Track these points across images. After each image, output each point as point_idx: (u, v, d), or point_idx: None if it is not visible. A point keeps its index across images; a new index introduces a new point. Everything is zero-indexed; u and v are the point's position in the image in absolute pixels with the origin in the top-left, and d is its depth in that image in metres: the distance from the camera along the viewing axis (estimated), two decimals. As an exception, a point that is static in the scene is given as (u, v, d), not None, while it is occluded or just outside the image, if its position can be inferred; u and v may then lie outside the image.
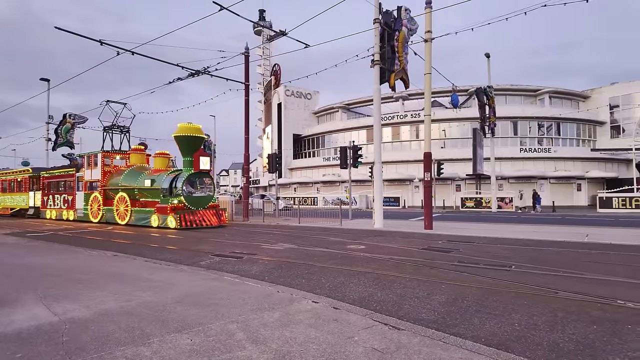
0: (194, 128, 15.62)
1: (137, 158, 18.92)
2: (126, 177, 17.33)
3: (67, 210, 20.75)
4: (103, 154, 18.59)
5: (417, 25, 14.09)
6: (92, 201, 18.72)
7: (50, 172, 22.63)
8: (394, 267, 6.59)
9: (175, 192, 15.23)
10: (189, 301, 4.27)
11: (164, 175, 15.99)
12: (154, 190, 15.97)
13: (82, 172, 19.62)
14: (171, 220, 14.75)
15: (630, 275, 5.82)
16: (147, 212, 16.04)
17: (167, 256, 8.09)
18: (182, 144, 15.59)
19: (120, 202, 17.23)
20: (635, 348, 3.08)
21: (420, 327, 3.44)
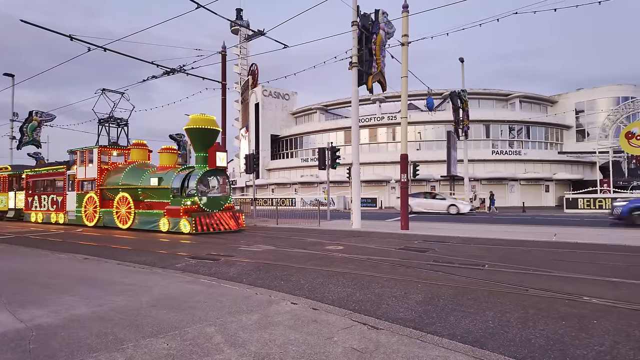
0: (209, 120, 13.65)
1: (138, 154, 16.79)
2: (127, 175, 15.33)
3: (55, 213, 18.45)
4: (100, 149, 16.36)
5: (394, 28, 14.30)
6: (87, 202, 16.50)
7: (36, 170, 20.33)
8: (372, 267, 6.66)
9: (188, 192, 13.46)
10: (165, 305, 4.17)
11: (173, 172, 14.08)
12: (162, 190, 14.17)
13: (74, 170, 17.38)
14: (185, 224, 12.99)
15: (594, 272, 6.09)
16: (155, 215, 14.19)
17: (140, 259, 7.87)
18: (195, 137, 13.75)
19: (122, 203, 15.17)
20: (601, 342, 3.23)
21: (398, 326, 3.49)
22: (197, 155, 13.96)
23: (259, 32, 16.66)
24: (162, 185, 14.13)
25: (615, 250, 8.46)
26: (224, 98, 20.08)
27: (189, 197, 13.38)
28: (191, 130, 13.63)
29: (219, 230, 13.45)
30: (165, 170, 14.62)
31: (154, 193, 14.63)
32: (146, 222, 14.51)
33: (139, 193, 14.96)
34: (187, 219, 12.94)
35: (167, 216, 13.56)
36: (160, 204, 14.35)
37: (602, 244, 9.46)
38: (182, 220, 13.06)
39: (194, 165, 14.23)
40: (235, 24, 28.07)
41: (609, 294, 4.75)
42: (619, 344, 3.18)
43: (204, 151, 13.94)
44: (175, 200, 13.57)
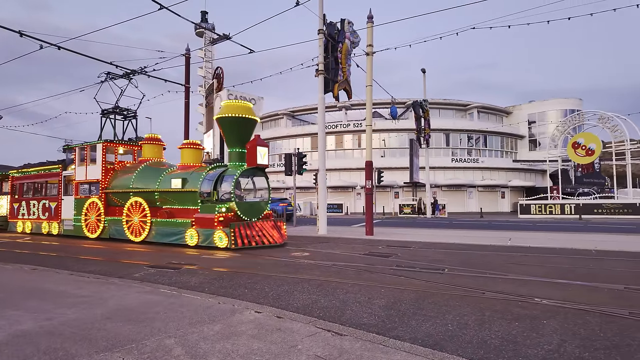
0: (245, 107, 11.15)
1: (151, 151, 13.79)
2: (141, 176, 12.62)
3: (48, 222, 15.40)
4: (104, 145, 13.54)
5: (359, 38, 14.61)
6: (88, 209, 13.65)
7: (24, 171, 16.99)
8: (337, 274, 6.70)
9: (221, 196, 10.93)
10: (121, 317, 3.98)
11: (201, 173, 11.42)
12: (187, 194, 11.46)
13: (71, 171, 14.56)
14: (220, 236, 10.30)
15: (545, 274, 6.46)
16: (178, 225, 11.43)
17: (94, 268, 7.47)
18: (229, 128, 11.10)
19: (134, 210, 12.35)
20: (550, 341, 3.42)
21: (362, 332, 3.52)
22: (232, 151, 11.31)
23: (224, 36, 16.45)
24: (186, 188, 11.40)
25: (563, 254, 9.02)
26: (187, 101, 19.63)
27: (223, 202, 10.79)
28: (224, 119, 10.95)
29: (262, 244, 10.72)
30: (189, 170, 11.94)
31: (176, 198, 11.88)
32: (166, 234, 11.63)
33: (157, 198, 12.14)
34: (224, 230, 10.29)
35: (195, 226, 10.92)
36: (184, 212, 11.69)
37: (552, 247, 10.05)
38: (217, 231, 10.37)
39: (227, 163, 11.72)
40: (200, 26, 27.59)
41: (558, 294, 5.05)
42: (566, 342, 3.38)
43: (240, 146, 11.22)
44: (207, 206, 10.92)
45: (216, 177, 10.96)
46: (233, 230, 10.21)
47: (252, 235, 10.57)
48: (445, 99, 44.91)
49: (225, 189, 10.86)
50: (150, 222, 11.96)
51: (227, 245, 10.19)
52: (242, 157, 11.19)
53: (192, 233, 10.94)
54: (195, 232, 10.88)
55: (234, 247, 10.13)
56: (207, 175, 11.21)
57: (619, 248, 9.73)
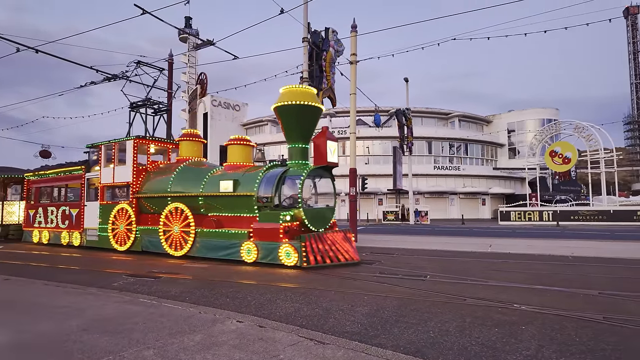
0: (308, 93, 9.19)
1: (190, 149, 11.81)
2: (180, 177, 10.71)
3: (68, 231, 13.35)
4: (136, 142, 11.52)
5: (343, 47, 14.79)
6: (117, 217, 11.64)
7: (42, 174, 15.04)
8: (320, 281, 6.68)
9: (283, 201, 8.99)
10: (98, 328, 3.87)
11: (256, 173, 9.44)
12: (240, 198, 9.42)
13: (95, 172, 12.62)
14: (288, 251, 8.23)
15: (524, 280, 6.60)
16: (231, 237, 9.31)
17: (70, 277, 7.24)
18: (290, 119, 9.19)
19: (174, 218, 10.30)
20: (528, 347, 3.49)
21: (344, 340, 3.52)
22: (293, 147, 9.39)
23: (208, 41, 16.40)
24: (239, 191, 9.43)
25: (541, 260, 9.24)
26: (169, 107, 19.37)
27: (288, 209, 8.82)
28: (284, 109, 9.03)
29: (338, 262, 8.47)
30: (239, 170, 10.03)
31: (225, 204, 9.86)
32: (215, 248, 9.54)
33: (200, 204, 10.16)
34: (293, 243, 8.25)
35: (253, 239, 8.86)
36: (236, 220, 9.71)
37: (531, 254, 10.29)
38: (284, 246, 8.31)
39: (286, 161, 9.73)
40: (184, 32, 27.41)
41: (536, 300, 5.17)
42: (543, 348, 3.46)
43: (303, 140, 9.41)
44: (268, 214, 8.90)
45: (277, 178, 9.01)
46: (304, 243, 8.09)
47: (325, 250, 8.40)
48: (427, 108, 45.72)
49: (288, 193, 8.99)
50: (195, 232, 9.91)
51: (297, 263, 8.07)
52: (305, 154, 9.41)
53: (250, 247, 8.78)
54: (253, 245, 8.75)
55: (305, 265, 7.99)
56: (266, 176, 9.22)
57: (593, 254, 10.03)
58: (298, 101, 8.89)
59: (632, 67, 65.09)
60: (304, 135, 9.42)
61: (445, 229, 22.84)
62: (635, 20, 62.70)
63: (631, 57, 64.90)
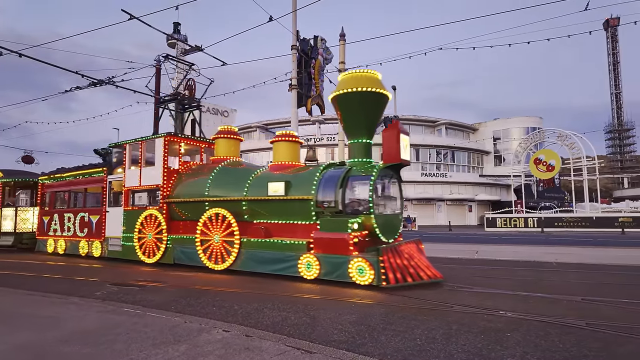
0: (371, 78, 7.73)
1: (226, 147, 10.33)
2: (218, 179, 9.34)
3: (87, 241, 11.97)
4: (167, 140, 10.22)
5: (332, 55, 14.92)
6: (144, 225, 10.28)
7: (58, 177, 13.57)
8: (309, 289, 6.65)
9: (348, 206, 7.60)
10: (79, 339, 3.78)
11: (312, 173, 8.12)
12: (294, 203, 8.10)
13: (119, 175, 11.34)
14: (361, 267, 6.72)
15: (510, 287, 6.68)
16: (285, 249, 7.88)
17: (52, 287, 7.06)
18: (351, 109, 7.87)
19: (214, 226, 8.91)
20: (514, 354, 3.52)
21: (331, 349, 3.50)
22: (354, 143, 8.05)
23: (196, 47, 16.34)
24: (292, 194, 8.08)
25: (526, 266, 9.37)
26: (157, 112, 19.20)
27: (351, 215, 7.47)
28: (345, 97, 7.74)
29: (421, 281, 6.89)
30: (287, 170, 8.78)
31: (275, 209, 8.47)
32: (265, 261, 8.11)
33: (244, 209, 8.80)
34: (367, 257, 6.73)
35: (314, 251, 7.43)
36: (288, 228, 8.37)
37: (516, 260, 10.43)
38: (356, 260, 6.80)
39: (346, 160, 8.48)
40: (172, 37, 27.29)
41: (521, 307, 5.23)
42: (528, 354, 3.50)
43: (366, 134, 7.99)
44: (331, 221, 7.46)
45: (340, 179, 7.66)
46: (382, 257, 6.59)
47: (405, 266, 6.87)
48: (415, 116, 46.27)
49: (354, 197, 7.61)
50: (240, 242, 8.55)
51: (373, 282, 6.58)
52: (368, 150, 8.07)
53: (311, 260, 7.32)
54: (314, 259, 7.29)
55: (384, 284, 6.48)
56: (325, 177, 7.90)
57: (577, 260, 10.22)
58: (362, 88, 7.52)
59: (612, 78, 67.04)
60: (369, 128, 8.00)
61: (433, 236, 23.01)
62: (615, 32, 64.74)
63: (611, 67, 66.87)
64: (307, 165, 9.11)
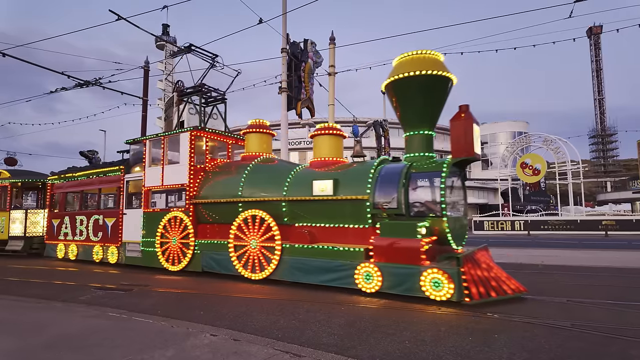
0: (435, 60, 6.82)
1: (259, 143, 9.51)
2: (253, 178, 8.39)
3: (102, 246, 10.90)
4: (193, 135, 9.27)
5: (322, 58, 14.96)
6: (168, 228, 9.24)
7: (69, 177, 12.52)
8: (298, 292, 6.61)
9: (412, 206, 6.59)
10: (63, 345, 3.69)
11: (365, 169, 7.18)
12: (345, 203, 7.08)
13: (138, 173, 10.32)
14: (438, 279, 5.62)
15: (497, 289, 6.74)
16: (337, 256, 6.75)
17: (35, 292, 6.90)
18: (410, 96, 6.86)
19: (250, 230, 7.95)
20: (501, 355, 3.56)
21: (321, 352, 3.49)
22: (414, 134, 7.03)
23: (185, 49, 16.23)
24: (341, 194, 7.09)
25: (513, 268, 9.47)
26: (144, 115, 19.02)
27: (415, 217, 6.50)
28: (402, 83, 6.75)
29: (505, 296, 5.80)
30: (332, 167, 7.83)
31: (319, 211, 7.46)
32: (313, 270, 7.01)
33: (284, 211, 7.80)
34: (445, 268, 5.63)
35: (375, 259, 6.31)
36: (336, 233, 7.31)
37: (503, 262, 10.53)
38: (431, 271, 5.68)
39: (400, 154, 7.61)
40: (160, 39, 27.08)
41: (507, 309, 5.28)
42: (515, 355, 3.53)
43: (427, 125, 6.98)
44: (395, 225, 6.37)
45: (403, 175, 6.64)
46: (464, 269, 5.55)
47: (486, 278, 5.84)
48: (404, 119, 46.60)
49: (420, 196, 6.60)
50: (281, 248, 7.52)
51: (452, 297, 5.48)
52: (430, 143, 7.07)
53: (371, 271, 6.21)
54: (375, 269, 6.18)
55: (467, 300, 5.43)
56: (382, 174, 6.93)
57: (562, 262, 10.39)
58: (424, 71, 6.52)
59: (595, 84, 68.63)
60: (431, 117, 6.99)
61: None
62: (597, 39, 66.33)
63: (594, 74, 68.45)
64: (355, 161, 8.10)
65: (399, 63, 7.03)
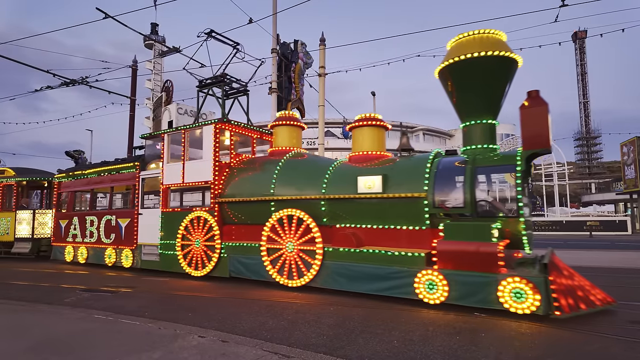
0: (497, 40, 6.05)
1: (288, 137, 8.79)
2: (286, 174, 7.63)
3: (114, 248, 10.07)
4: (218, 127, 8.52)
5: (312, 59, 14.97)
6: (190, 230, 8.42)
7: (77, 175, 11.67)
8: (286, 293, 6.60)
9: (480, 205, 5.83)
10: (47, 348, 3.62)
11: (420, 163, 6.40)
12: (396, 202, 6.31)
13: (155, 170, 9.59)
14: (519, 290, 4.84)
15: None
16: (392, 262, 5.94)
17: (18, 294, 6.75)
18: (469, 80, 6.12)
19: (287, 231, 7.13)
20: (488, 354, 3.60)
21: (310, 353, 3.49)
22: (474, 124, 6.24)
23: (174, 48, 16.08)
24: (391, 192, 6.33)
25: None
26: (132, 114, 18.80)
27: (483, 217, 5.74)
28: (462, 66, 6.03)
29: (595, 308, 5.06)
30: (375, 162, 7.00)
31: (366, 210, 6.68)
32: (362, 277, 6.19)
33: (323, 211, 7.00)
34: (529, 277, 4.90)
35: (439, 266, 5.52)
36: (385, 236, 6.50)
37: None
38: (511, 281, 4.95)
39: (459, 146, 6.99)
40: (149, 38, 26.80)
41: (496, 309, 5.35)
42: (502, 354, 3.58)
43: (489, 113, 6.22)
44: (463, 226, 5.58)
45: (469, 170, 5.86)
46: (552, 277, 4.79)
47: (572, 288, 5.05)
48: (393, 121, 46.84)
49: (488, 194, 5.99)
50: (322, 252, 6.69)
51: (538, 310, 4.74)
52: (493, 133, 6.33)
53: (434, 279, 5.47)
54: (440, 277, 5.42)
55: (558, 314, 4.67)
56: (440, 168, 6.20)
57: (548, 262, 10.55)
58: (489, 51, 5.81)
59: (580, 88, 69.98)
60: (495, 104, 6.23)
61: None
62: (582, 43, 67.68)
63: (579, 78, 69.82)
64: (402, 155, 7.11)
65: (457, 44, 6.26)
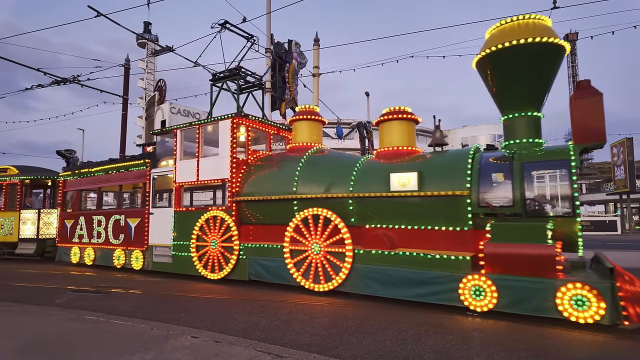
0: (541, 26, 5.61)
1: (308, 132, 8.25)
2: (309, 171, 7.18)
3: (124, 249, 9.58)
4: (235, 122, 8.06)
5: (306, 59, 14.96)
6: (206, 230, 8.00)
7: (83, 173, 11.23)
8: (281, 293, 6.59)
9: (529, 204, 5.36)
10: (37, 349, 3.58)
11: (459, 159, 5.98)
12: (434, 201, 5.81)
13: (167, 168, 9.16)
14: (581, 297, 4.39)
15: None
16: (432, 266, 5.46)
17: (7, 295, 6.66)
18: (513, 69, 5.65)
19: (312, 232, 6.67)
20: (480, 353, 3.63)
21: (303, 353, 3.49)
22: (517, 117, 5.82)
23: (167, 47, 15.97)
24: (428, 190, 5.86)
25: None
26: (124, 113, 18.66)
27: (533, 217, 5.36)
28: (502, 55, 5.62)
29: None
30: (405, 158, 6.57)
31: (399, 210, 6.22)
32: (397, 282, 5.71)
33: (351, 210, 6.57)
34: (592, 283, 4.43)
35: (486, 270, 5.04)
36: (424, 237, 6.05)
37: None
38: (572, 287, 4.47)
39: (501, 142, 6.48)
40: (142, 37, 26.60)
41: (487, 307, 5.39)
42: (493, 353, 3.61)
43: (536, 104, 5.80)
44: (513, 227, 5.15)
45: (517, 166, 5.44)
46: (619, 284, 4.31)
47: (637, 295, 4.41)
48: (387, 121, 47.07)
49: (539, 192, 5.44)
50: (352, 255, 6.22)
51: (604, 320, 4.32)
52: (538, 127, 5.86)
53: (482, 284, 4.98)
54: (488, 282, 4.95)
55: (626, 324, 4.23)
56: (484, 164, 5.73)
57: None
58: (536, 38, 5.36)
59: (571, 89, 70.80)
60: (540, 95, 5.77)
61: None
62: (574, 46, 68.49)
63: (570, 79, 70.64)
64: (435, 151, 6.74)
65: (498, 31, 5.83)
